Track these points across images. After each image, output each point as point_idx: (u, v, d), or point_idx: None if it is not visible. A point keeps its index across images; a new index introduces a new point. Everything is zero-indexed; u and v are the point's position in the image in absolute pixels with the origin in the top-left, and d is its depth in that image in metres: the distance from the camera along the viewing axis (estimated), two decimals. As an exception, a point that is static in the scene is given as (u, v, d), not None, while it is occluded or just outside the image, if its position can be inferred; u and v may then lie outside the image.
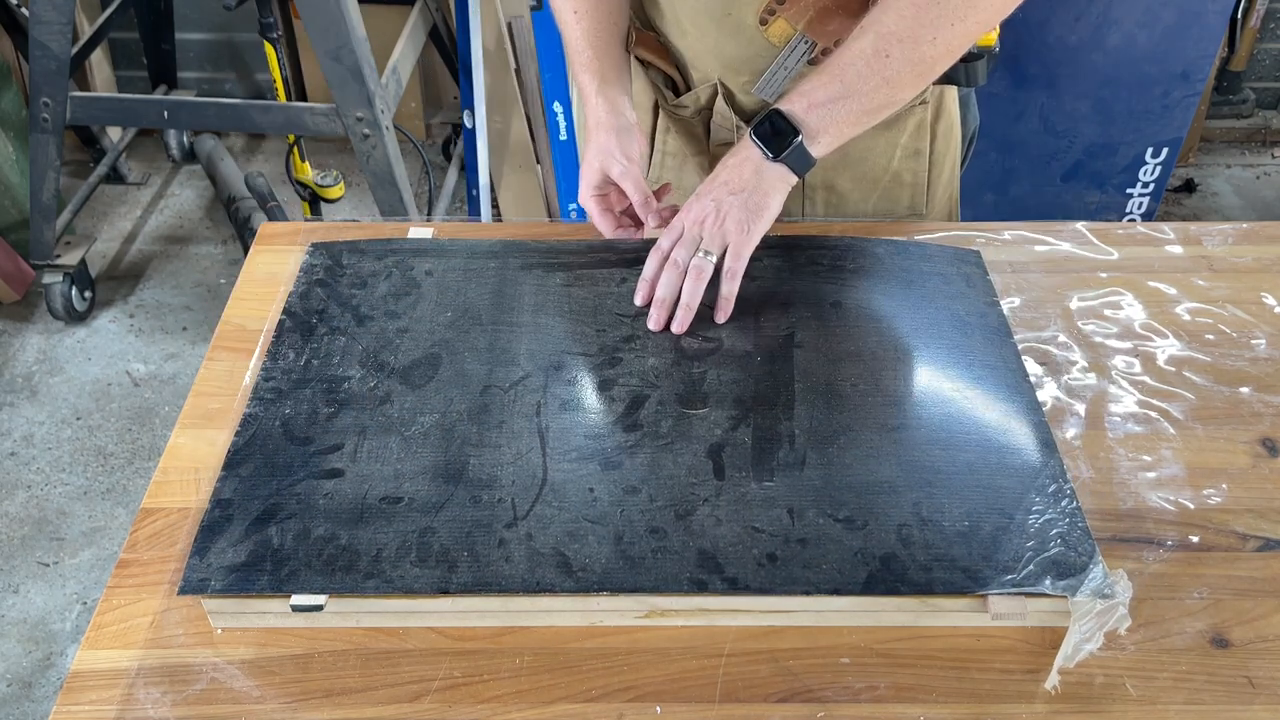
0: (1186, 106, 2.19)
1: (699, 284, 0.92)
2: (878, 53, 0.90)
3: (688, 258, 0.92)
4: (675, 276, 0.92)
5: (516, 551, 0.76)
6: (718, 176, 0.94)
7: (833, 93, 0.90)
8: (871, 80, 0.90)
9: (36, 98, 2.13)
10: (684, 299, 0.92)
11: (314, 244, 1.03)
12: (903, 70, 0.91)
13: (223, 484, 0.81)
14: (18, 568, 1.96)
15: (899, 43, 0.89)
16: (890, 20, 0.90)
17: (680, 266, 0.92)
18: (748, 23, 1.01)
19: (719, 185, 0.93)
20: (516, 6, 2.25)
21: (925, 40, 0.90)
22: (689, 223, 0.93)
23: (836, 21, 1.00)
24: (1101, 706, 0.71)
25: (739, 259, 0.92)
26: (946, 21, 0.89)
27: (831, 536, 0.77)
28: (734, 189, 0.92)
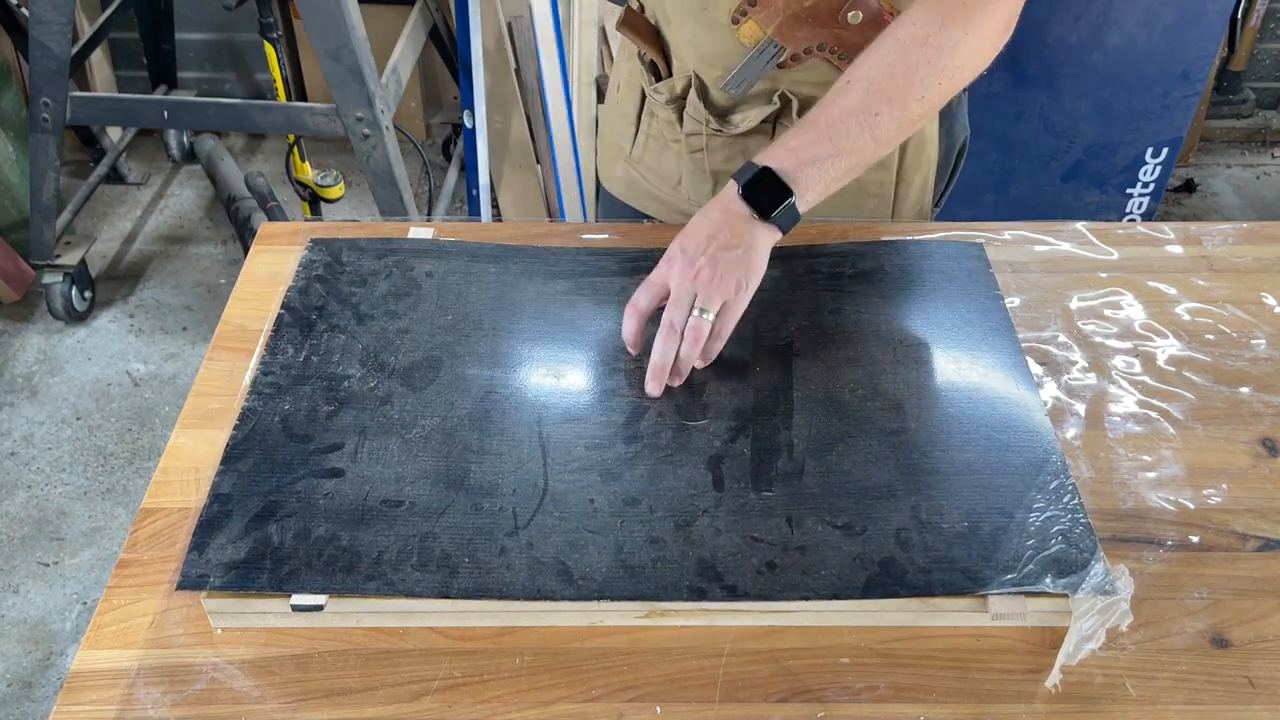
0: (1186, 106, 2.19)
1: (698, 345, 0.87)
2: (867, 110, 0.88)
3: (683, 320, 0.87)
4: (673, 341, 0.87)
5: (517, 560, 0.76)
6: (702, 231, 0.89)
7: (822, 151, 0.88)
8: (861, 138, 0.89)
9: (36, 98, 2.13)
10: (682, 359, 0.88)
11: (314, 240, 1.03)
12: (890, 128, 0.90)
13: (221, 478, 0.81)
14: (18, 568, 1.96)
15: (888, 101, 0.88)
16: (880, 77, 0.89)
17: (676, 330, 0.87)
18: (721, 20, 1.02)
19: (709, 241, 0.88)
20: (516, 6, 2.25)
21: (914, 99, 0.89)
22: (677, 281, 0.88)
23: (805, 30, 1.01)
24: (1101, 706, 0.71)
25: (732, 318, 0.88)
26: (935, 80, 0.89)
27: (830, 543, 0.77)
28: (726, 245, 0.87)
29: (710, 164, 1.12)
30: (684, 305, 0.87)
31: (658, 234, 1.08)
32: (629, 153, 1.20)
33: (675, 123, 1.13)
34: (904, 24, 0.90)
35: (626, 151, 1.21)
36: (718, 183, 1.13)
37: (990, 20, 0.90)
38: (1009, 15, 0.91)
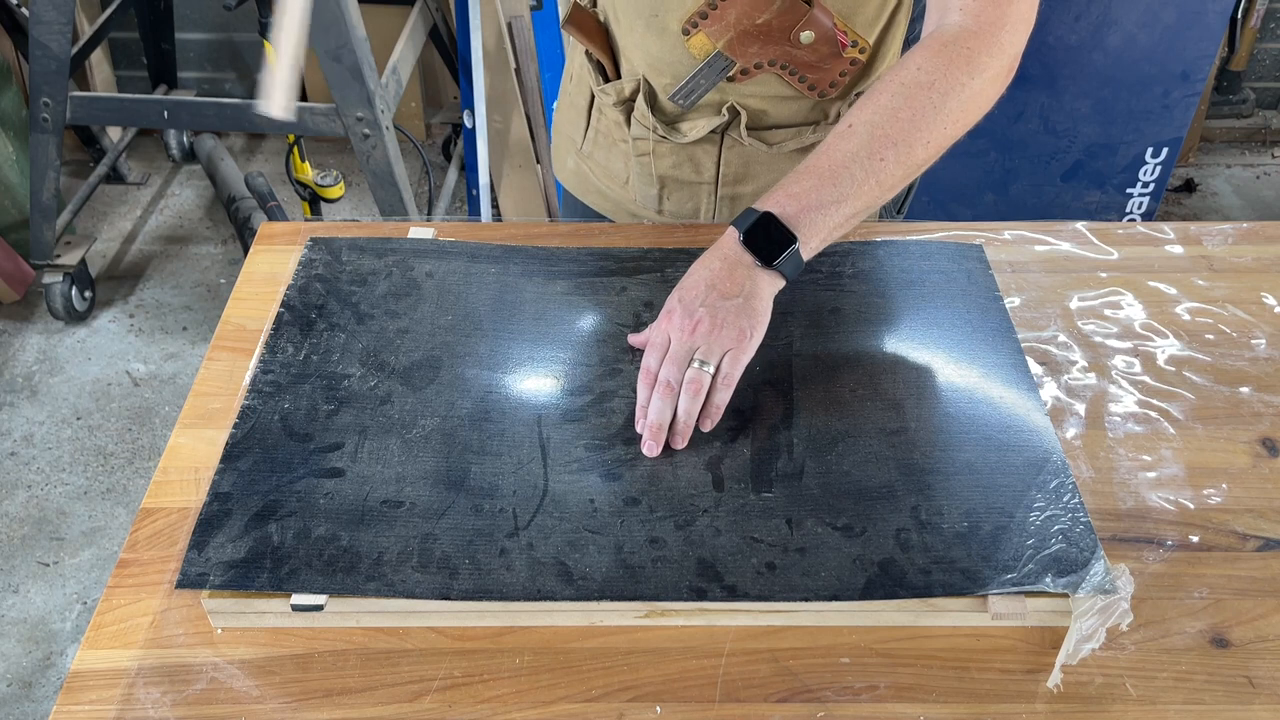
0: (1186, 106, 2.19)
1: (697, 399, 0.83)
2: (872, 155, 0.85)
3: (679, 376, 0.83)
4: (671, 398, 0.83)
5: (518, 560, 0.76)
6: (701, 281, 0.85)
7: (825, 196, 0.85)
8: (866, 184, 0.86)
9: (36, 98, 2.13)
10: (680, 416, 0.83)
11: (313, 238, 1.03)
12: (895, 173, 0.87)
13: (221, 477, 0.81)
14: (18, 568, 1.96)
15: (893, 146, 0.86)
16: (884, 121, 0.86)
17: (675, 388, 0.83)
18: (672, 28, 1.02)
19: (708, 291, 0.84)
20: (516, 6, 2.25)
21: (920, 143, 0.87)
22: (676, 334, 0.84)
23: (756, 45, 1.00)
24: (1101, 706, 0.71)
25: (738, 366, 0.84)
26: (940, 124, 0.87)
27: (830, 544, 0.77)
28: (727, 294, 0.84)
29: (657, 169, 1.12)
30: (681, 361, 0.83)
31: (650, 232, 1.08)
32: (580, 146, 1.19)
33: (623, 124, 1.12)
34: (908, 68, 0.88)
35: (578, 144, 1.20)
36: (664, 187, 1.13)
37: (994, 64, 0.88)
38: (1012, 58, 0.89)
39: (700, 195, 1.13)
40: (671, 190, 1.13)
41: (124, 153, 2.79)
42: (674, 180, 1.12)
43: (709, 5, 0.99)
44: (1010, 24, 0.88)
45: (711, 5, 0.99)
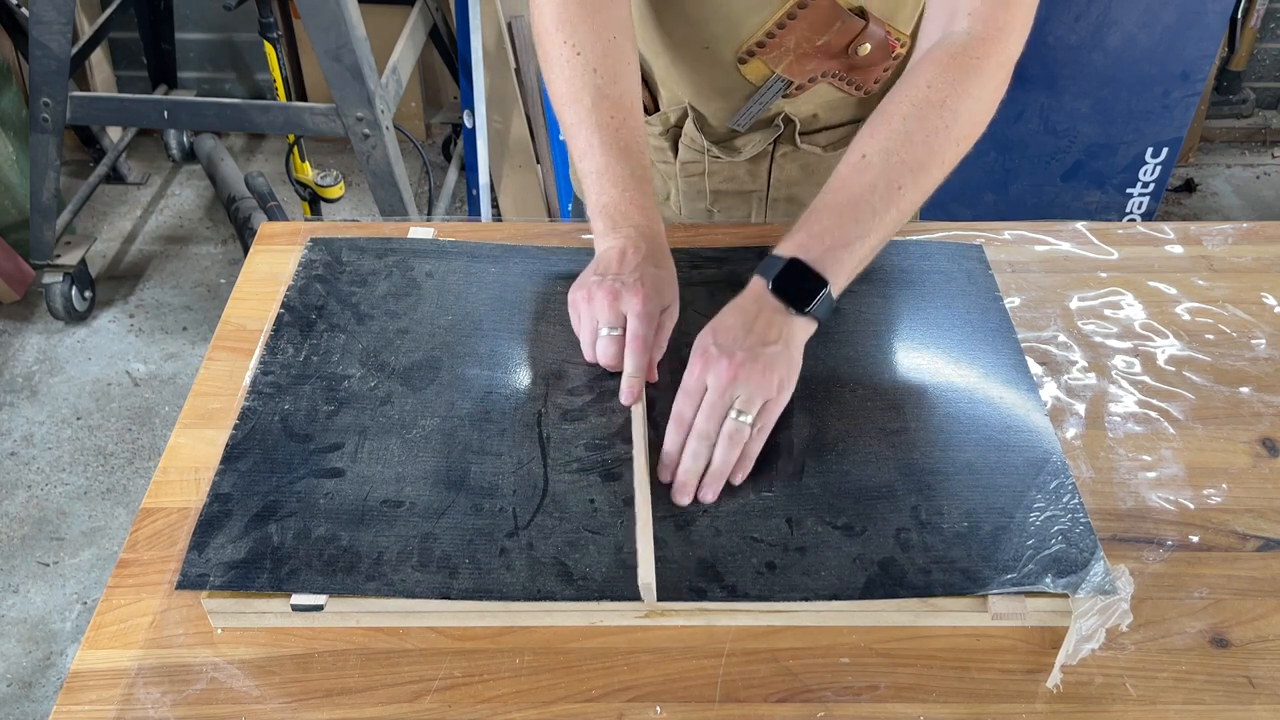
0: (1186, 106, 2.19)
1: (735, 450, 0.79)
2: (890, 185, 0.84)
3: (717, 426, 0.79)
4: (705, 448, 0.79)
5: (517, 560, 0.76)
6: (737, 324, 0.82)
7: (849, 234, 0.83)
8: (887, 215, 0.84)
9: (36, 98, 2.13)
10: (716, 467, 0.79)
11: (313, 239, 1.03)
12: (914, 199, 0.86)
13: (221, 478, 0.81)
14: (18, 568, 1.96)
15: (910, 172, 0.84)
16: (899, 148, 0.84)
17: (710, 438, 0.79)
18: (725, 59, 1.01)
19: (745, 334, 0.81)
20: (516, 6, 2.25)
21: (935, 165, 0.86)
22: (715, 380, 0.80)
23: (813, 63, 1.00)
24: (1101, 706, 0.71)
25: (773, 417, 0.81)
26: (954, 143, 0.86)
27: (830, 544, 0.77)
28: (765, 339, 0.81)
29: (710, 185, 1.11)
30: (719, 411, 0.79)
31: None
32: None
33: (666, 149, 1.11)
34: (916, 85, 0.86)
35: None
36: (717, 200, 1.13)
37: (1000, 73, 0.87)
38: (1011, 62, 0.89)
39: (751, 203, 1.13)
40: (722, 202, 1.13)
41: (124, 153, 2.79)
42: (725, 192, 1.12)
43: (767, 35, 0.98)
44: (1017, 29, 0.88)
45: (770, 35, 0.98)
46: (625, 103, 0.91)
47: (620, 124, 0.90)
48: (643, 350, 0.85)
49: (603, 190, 0.89)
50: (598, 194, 0.89)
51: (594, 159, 0.89)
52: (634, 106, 0.92)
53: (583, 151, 0.90)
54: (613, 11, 0.92)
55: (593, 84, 0.90)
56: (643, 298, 0.84)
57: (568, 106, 0.91)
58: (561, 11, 0.91)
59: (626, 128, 0.90)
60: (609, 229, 0.89)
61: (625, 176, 0.89)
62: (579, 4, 0.91)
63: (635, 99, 0.92)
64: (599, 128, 0.89)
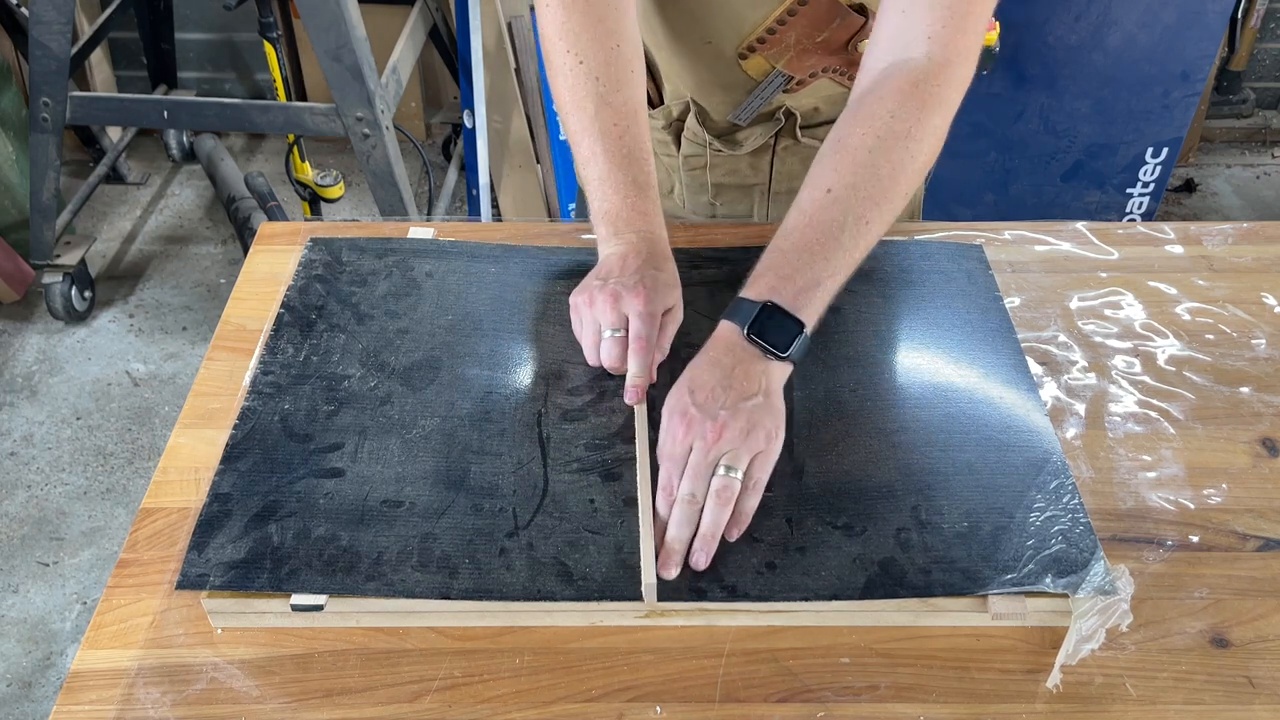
0: (1186, 106, 2.20)
1: (726, 508, 0.76)
2: (859, 220, 0.83)
3: (705, 488, 0.77)
4: (693, 512, 0.76)
5: (517, 560, 0.76)
6: (713, 380, 0.79)
7: (820, 273, 0.82)
8: (855, 250, 0.83)
9: (36, 98, 2.13)
10: (705, 529, 0.76)
11: (313, 239, 1.03)
12: (879, 231, 0.85)
13: (221, 478, 0.81)
14: (18, 568, 1.96)
15: (876, 206, 0.83)
16: (865, 182, 0.83)
17: (697, 501, 0.76)
18: (726, 54, 1.02)
19: (724, 391, 0.78)
20: (516, 6, 2.25)
21: (900, 196, 0.85)
22: (699, 443, 0.77)
23: (814, 59, 1.01)
24: (1101, 706, 0.71)
25: (767, 468, 0.79)
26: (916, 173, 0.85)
27: (830, 544, 0.77)
28: (745, 393, 0.78)
29: (712, 178, 1.12)
30: (705, 472, 0.77)
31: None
32: None
33: (669, 143, 1.12)
34: (879, 116, 0.85)
35: None
36: (719, 194, 1.13)
37: (956, 98, 0.86)
38: (966, 86, 0.88)
39: (753, 196, 1.13)
40: (724, 195, 1.13)
41: (124, 153, 2.79)
42: (727, 186, 1.13)
43: (768, 31, 0.99)
44: (973, 52, 0.87)
45: (770, 31, 0.99)
46: (628, 109, 0.91)
47: (623, 131, 0.90)
48: (646, 351, 0.85)
49: (605, 197, 0.89)
50: (600, 200, 0.90)
51: (597, 166, 0.90)
52: (638, 113, 0.92)
53: (586, 159, 0.91)
54: (616, 20, 0.92)
55: (595, 92, 0.90)
56: (644, 299, 0.85)
57: (571, 114, 0.92)
58: (565, 21, 0.92)
59: (630, 134, 0.90)
60: (611, 235, 0.89)
61: (627, 183, 0.89)
62: (581, 13, 0.91)
63: (639, 105, 0.92)
64: (602, 135, 0.90)
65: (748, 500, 0.78)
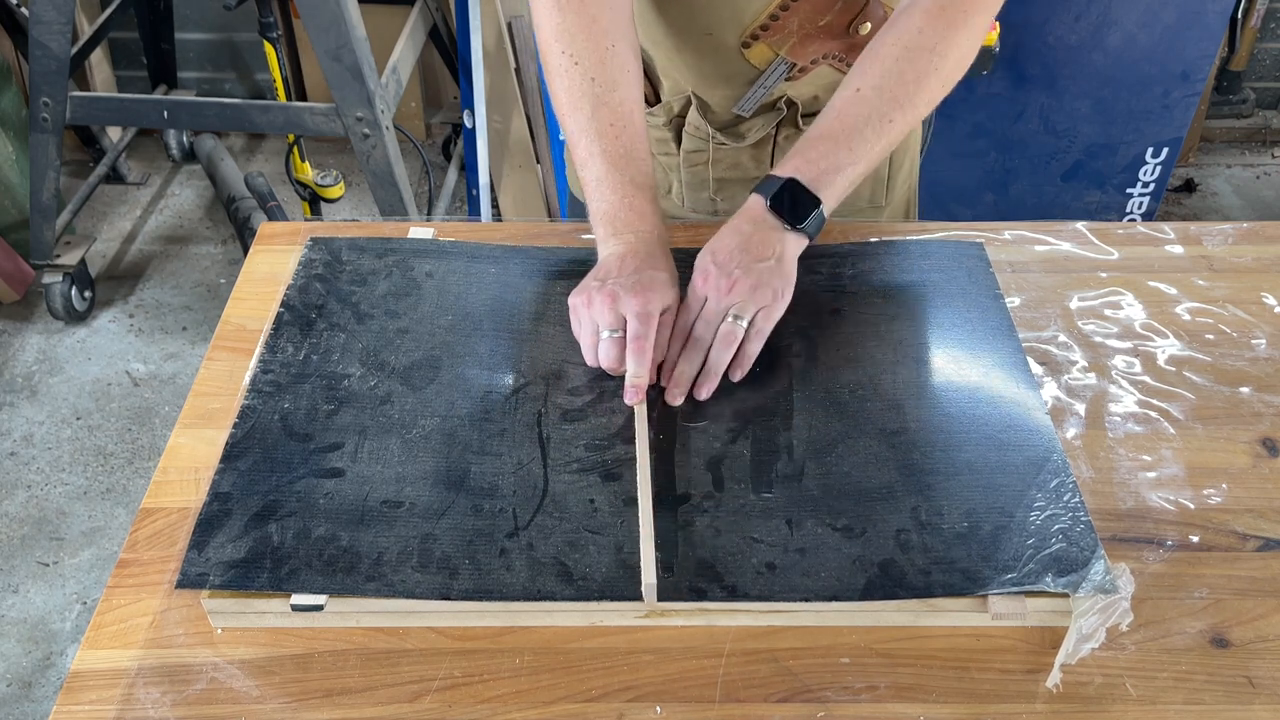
0: (1186, 106, 2.19)
1: (729, 349, 0.86)
2: (882, 118, 0.90)
3: (713, 331, 0.87)
4: (701, 351, 0.87)
5: (517, 561, 0.76)
6: (732, 244, 0.88)
7: (842, 159, 0.90)
8: (877, 145, 0.91)
9: (36, 98, 2.13)
10: (710, 365, 0.86)
11: (313, 238, 1.03)
12: (900, 131, 0.92)
13: (221, 477, 0.81)
14: (18, 568, 1.96)
15: (900, 107, 0.91)
16: (891, 84, 0.91)
17: (706, 342, 0.87)
18: (728, 44, 1.02)
19: (741, 253, 0.87)
20: (516, 6, 2.25)
21: (923, 103, 0.92)
22: (713, 294, 0.87)
23: (817, 44, 1.01)
24: (1101, 706, 0.71)
25: (771, 320, 0.88)
26: (940, 84, 0.92)
27: (830, 545, 0.77)
28: (760, 256, 0.87)
29: (713, 173, 1.12)
30: (715, 318, 0.86)
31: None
32: None
33: (669, 140, 1.12)
34: (908, 30, 0.91)
35: None
36: (720, 189, 1.13)
37: (984, 21, 0.92)
38: (995, 10, 0.93)
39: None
40: (725, 189, 1.14)
41: (124, 153, 2.79)
42: (729, 180, 1.13)
43: (770, 18, 0.99)
44: None
45: (773, 17, 0.99)
46: (625, 109, 0.92)
47: (620, 130, 0.91)
48: (644, 351, 0.85)
49: (603, 197, 0.90)
50: (598, 201, 0.91)
51: (594, 167, 0.91)
52: (634, 113, 0.93)
53: (583, 160, 0.92)
54: (611, 20, 0.93)
55: (591, 92, 0.91)
56: (642, 299, 0.85)
57: (569, 115, 0.93)
58: (560, 22, 0.93)
59: (627, 134, 0.91)
60: (609, 235, 0.90)
61: (625, 183, 0.90)
62: (576, 15, 0.92)
63: (635, 105, 0.93)
64: (599, 136, 0.90)
65: (750, 345, 0.87)
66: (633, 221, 0.90)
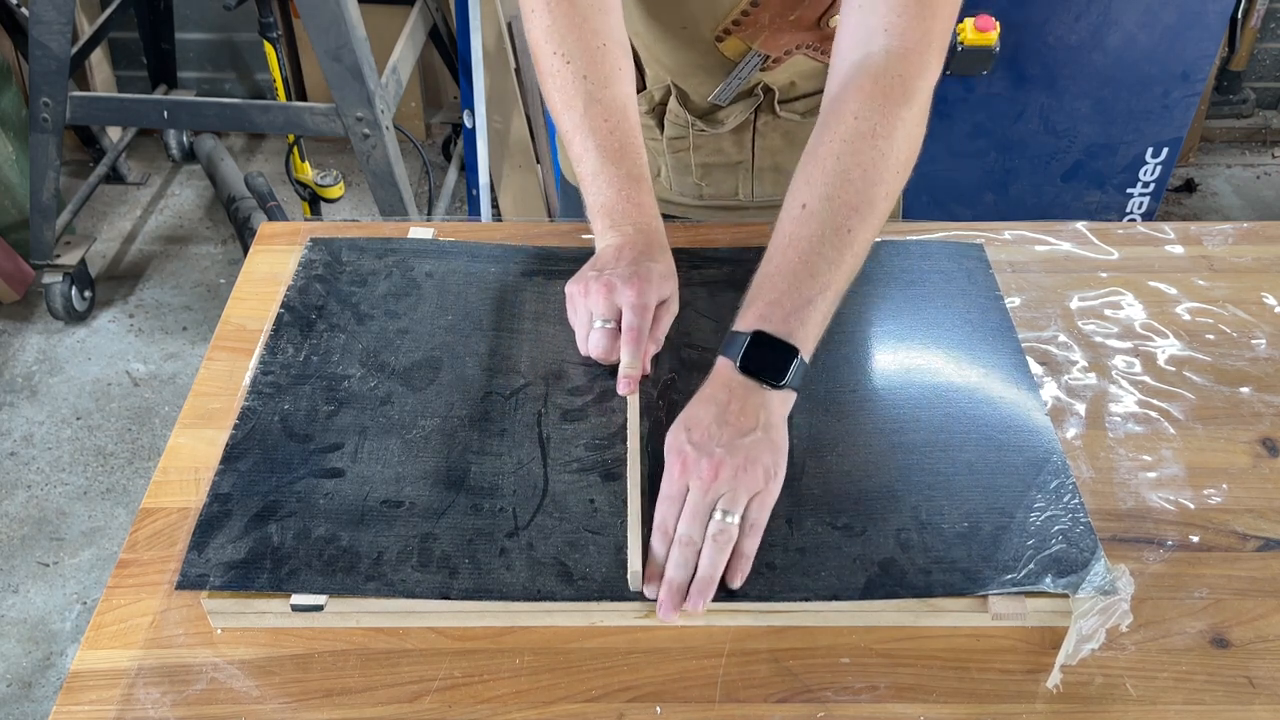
0: (1186, 106, 2.19)
1: (724, 552, 0.74)
2: (838, 230, 0.80)
3: (702, 531, 0.74)
4: (690, 555, 0.74)
5: (517, 560, 0.76)
6: (708, 417, 0.77)
7: (808, 291, 0.79)
8: (842, 261, 0.81)
9: (36, 98, 2.13)
10: (703, 573, 0.74)
11: (313, 239, 1.03)
12: (866, 237, 0.82)
13: (221, 478, 0.81)
14: (18, 568, 1.96)
15: (855, 211, 0.81)
16: (837, 190, 0.82)
17: (695, 544, 0.74)
18: (703, 37, 1.03)
19: (720, 428, 0.76)
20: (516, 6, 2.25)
21: (879, 199, 0.82)
22: (695, 483, 0.75)
23: (788, 36, 1.01)
24: (1101, 706, 0.71)
25: (766, 509, 0.76)
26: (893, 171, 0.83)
27: (830, 544, 0.77)
28: (743, 429, 0.76)
29: (696, 159, 1.13)
30: (702, 514, 0.74)
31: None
32: None
33: (653, 127, 1.13)
34: (843, 119, 0.84)
35: None
36: (706, 174, 1.14)
37: (925, 86, 0.85)
38: (934, 76, 0.86)
39: (738, 174, 1.14)
40: (710, 175, 1.14)
41: (124, 153, 2.79)
42: (712, 165, 1.14)
43: (742, 13, 1.00)
44: (936, 41, 0.86)
45: (745, 13, 1.00)
46: (617, 105, 0.92)
47: (614, 126, 0.91)
48: (637, 341, 0.85)
49: (599, 191, 0.90)
50: (595, 195, 0.91)
51: (590, 162, 0.90)
52: (627, 109, 0.93)
53: (579, 156, 0.91)
54: (601, 19, 0.93)
55: (584, 90, 0.91)
56: (637, 290, 0.85)
57: (563, 114, 0.93)
58: (550, 24, 0.93)
59: (621, 129, 0.91)
60: (607, 228, 0.90)
61: (621, 176, 0.90)
62: (565, 15, 0.92)
63: (628, 101, 0.93)
64: (593, 132, 0.90)
65: (746, 542, 0.75)
66: (630, 214, 0.89)
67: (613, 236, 0.89)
